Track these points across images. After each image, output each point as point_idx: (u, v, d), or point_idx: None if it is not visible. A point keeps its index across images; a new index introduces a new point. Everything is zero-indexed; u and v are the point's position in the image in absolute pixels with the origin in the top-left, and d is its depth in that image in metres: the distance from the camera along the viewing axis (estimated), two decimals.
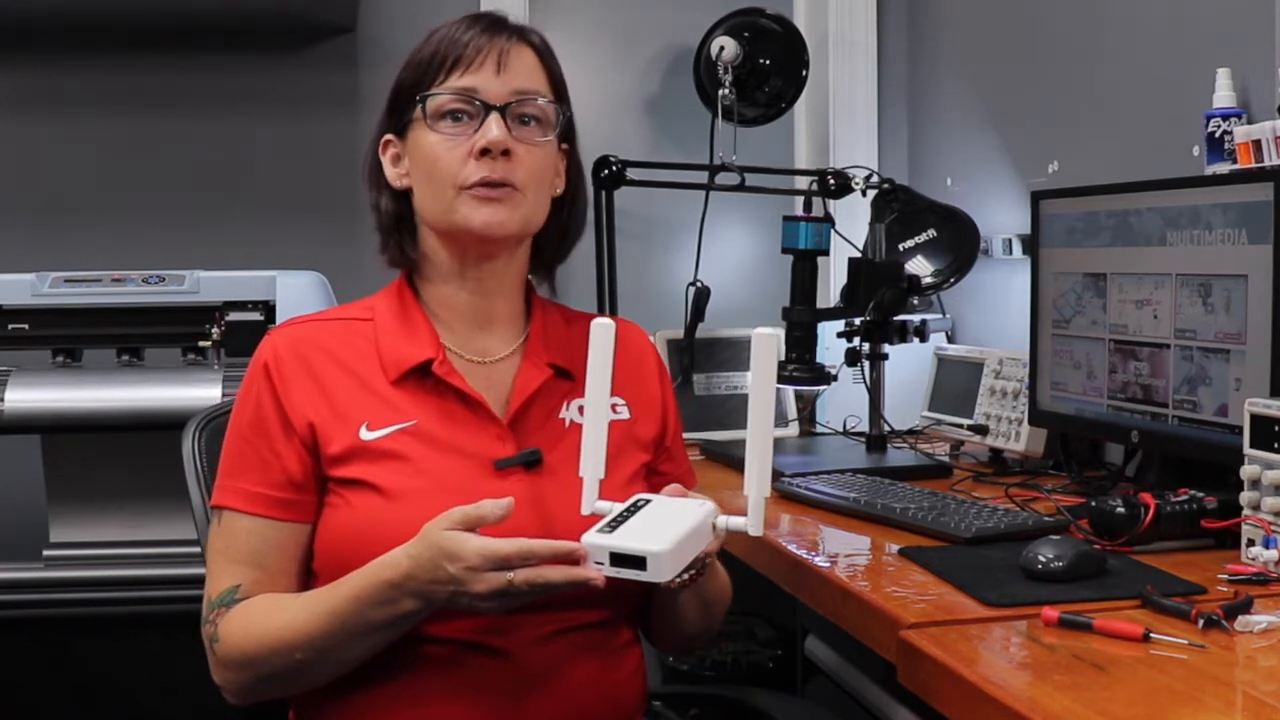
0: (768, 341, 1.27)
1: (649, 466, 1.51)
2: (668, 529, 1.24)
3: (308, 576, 1.40)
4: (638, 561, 1.21)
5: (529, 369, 1.45)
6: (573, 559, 1.23)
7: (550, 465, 1.40)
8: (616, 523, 1.25)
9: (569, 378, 1.46)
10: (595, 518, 1.28)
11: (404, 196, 1.46)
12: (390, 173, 1.46)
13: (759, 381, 1.28)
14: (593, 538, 1.23)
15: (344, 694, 1.36)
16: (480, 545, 1.22)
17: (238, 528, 1.38)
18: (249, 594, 1.36)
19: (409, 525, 1.27)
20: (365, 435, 1.37)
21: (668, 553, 1.21)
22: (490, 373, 1.45)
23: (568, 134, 1.49)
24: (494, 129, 1.38)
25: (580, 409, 1.43)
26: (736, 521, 1.30)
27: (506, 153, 1.39)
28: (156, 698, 2.54)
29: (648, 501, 1.30)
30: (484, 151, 1.38)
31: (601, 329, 1.32)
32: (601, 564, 1.22)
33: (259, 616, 1.34)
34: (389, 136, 1.46)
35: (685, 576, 1.30)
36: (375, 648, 1.31)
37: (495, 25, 1.44)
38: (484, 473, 1.38)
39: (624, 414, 1.49)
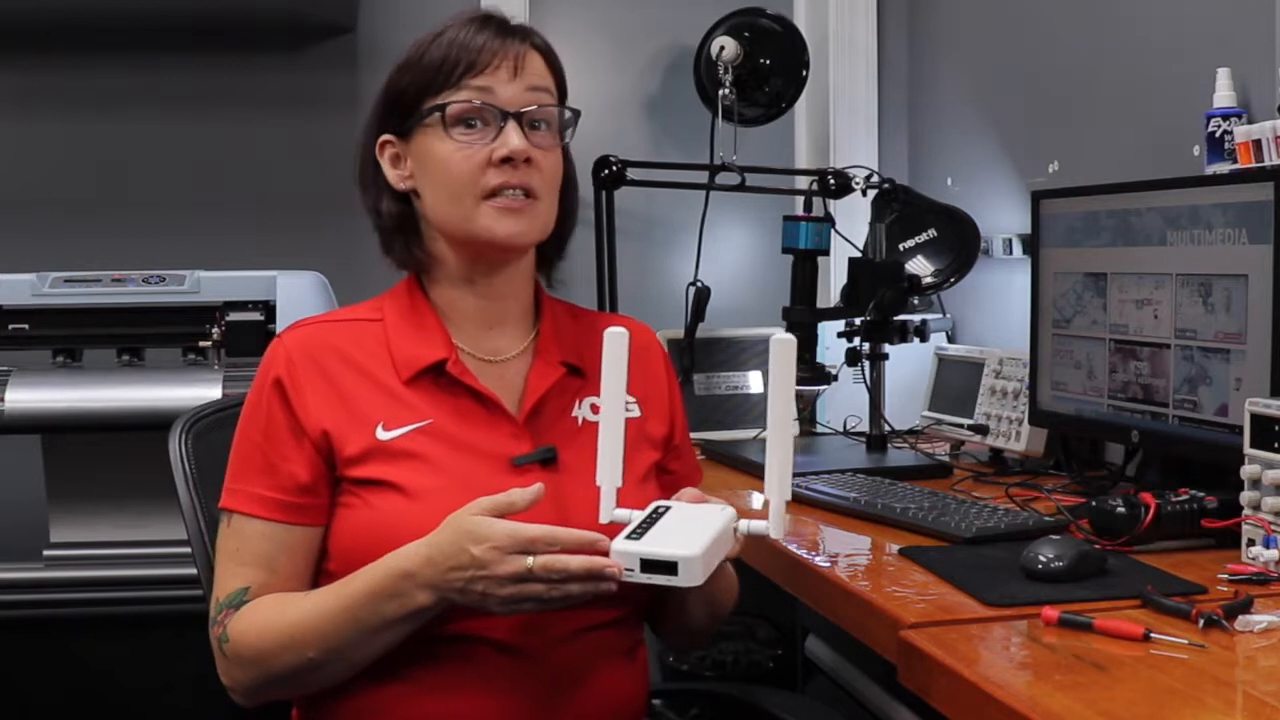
0: (786, 346, 1.28)
1: (659, 465, 1.51)
2: (695, 534, 1.25)
3: (318, 578, 1.39)
4: (669, 567, 1.22)
5: (541, 367, 1.45)
6: (597, 550, 1.23)
7: (565, 463, 1.40)
8: (641, 530, 1.26)
9: (581, 375, 1.46)
10: (614, 526, 1.28)
11: (406, 197, 1.45)
12: (391, 174, 1.45)
13: (777, 385, 1.28)
14: (622, 544, 1.23)
15: (352, 691, 1.35)
16: (508, 526, 1.23)
17: (248, 531, 1.38)
18: (257, 595, 1.36)
19: (432, 524, 1.27)
20: (382, 435, 1.37)
21: (699, 557, 1.22)
22: (503, 372, 1.45)
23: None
24: (514, 138, 1.38)
25: (593, 407, 1.44)
26: (758, 525, 1.30)
27: (529, 160, 1.38)
28: (156, 698, 2.54)
29: (668, 508, 1.30)
30: (505, 160, 1.37)
31: (615, 339, 1.31)
32: (632, 570, 1.23)
33: (271, 613, 1.33)
34: (388, 137, 1.45)
35: None
36: (386, 646, 1.30)
37: (505, 29, 1.42)
38: (502, 471, 1.38)
39: (635, 412, 1.49)
